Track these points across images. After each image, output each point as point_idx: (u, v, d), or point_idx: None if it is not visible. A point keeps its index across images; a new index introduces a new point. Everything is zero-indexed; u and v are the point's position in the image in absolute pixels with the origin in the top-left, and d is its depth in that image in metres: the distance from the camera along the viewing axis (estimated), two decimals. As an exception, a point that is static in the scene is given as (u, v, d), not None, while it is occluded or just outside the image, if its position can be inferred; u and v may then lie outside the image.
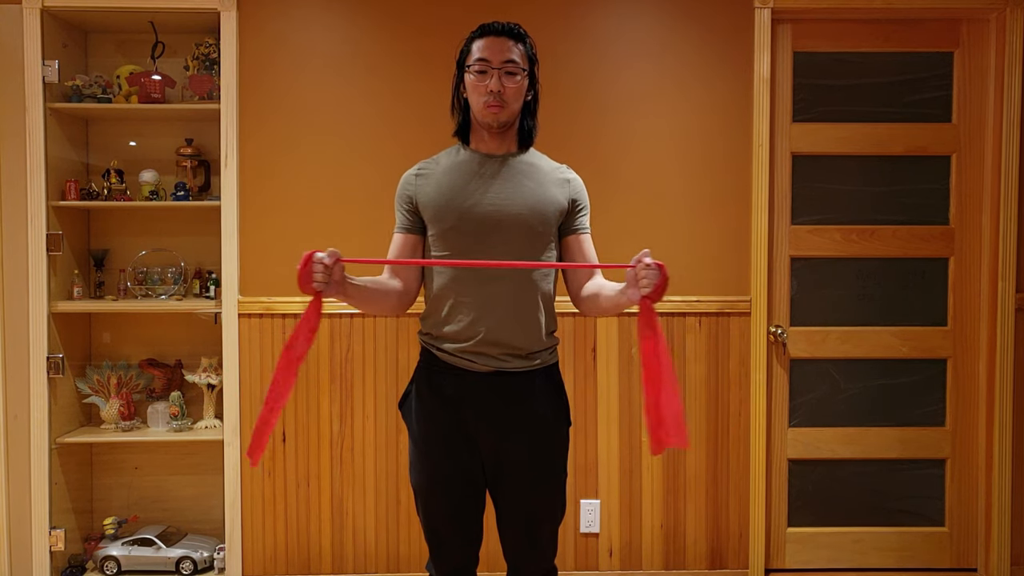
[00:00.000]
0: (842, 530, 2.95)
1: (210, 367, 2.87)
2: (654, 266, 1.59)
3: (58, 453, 2.80)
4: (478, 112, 1.81)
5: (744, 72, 2.80)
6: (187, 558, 2.81)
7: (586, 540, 2.87)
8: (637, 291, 1.62)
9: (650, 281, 1.60)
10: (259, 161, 2.80)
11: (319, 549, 2.85)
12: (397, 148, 2.78)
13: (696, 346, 2.83)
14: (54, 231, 2.76)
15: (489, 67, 1.77)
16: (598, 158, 2.80)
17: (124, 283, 2.90)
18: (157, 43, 2.90)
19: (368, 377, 2.82)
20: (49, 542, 2.77)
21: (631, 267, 1.62)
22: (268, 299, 2.78)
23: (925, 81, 2.90)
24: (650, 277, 1.59)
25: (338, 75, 2.80)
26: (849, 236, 2.90)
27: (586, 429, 2.83)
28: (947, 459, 2.95)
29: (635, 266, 1.61)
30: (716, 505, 2.87)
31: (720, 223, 2.82)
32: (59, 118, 2.80)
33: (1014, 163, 2.81)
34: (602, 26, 2.80)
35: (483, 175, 1.82)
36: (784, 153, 2.88)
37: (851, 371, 2.93)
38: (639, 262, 1.60)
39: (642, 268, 1.59)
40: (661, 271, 1.58)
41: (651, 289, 1.60)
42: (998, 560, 2.87)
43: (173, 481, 3.00)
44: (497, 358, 1.78)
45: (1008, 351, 2.84)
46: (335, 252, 1.61)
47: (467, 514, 1.85)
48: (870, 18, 2.84)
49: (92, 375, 2.89)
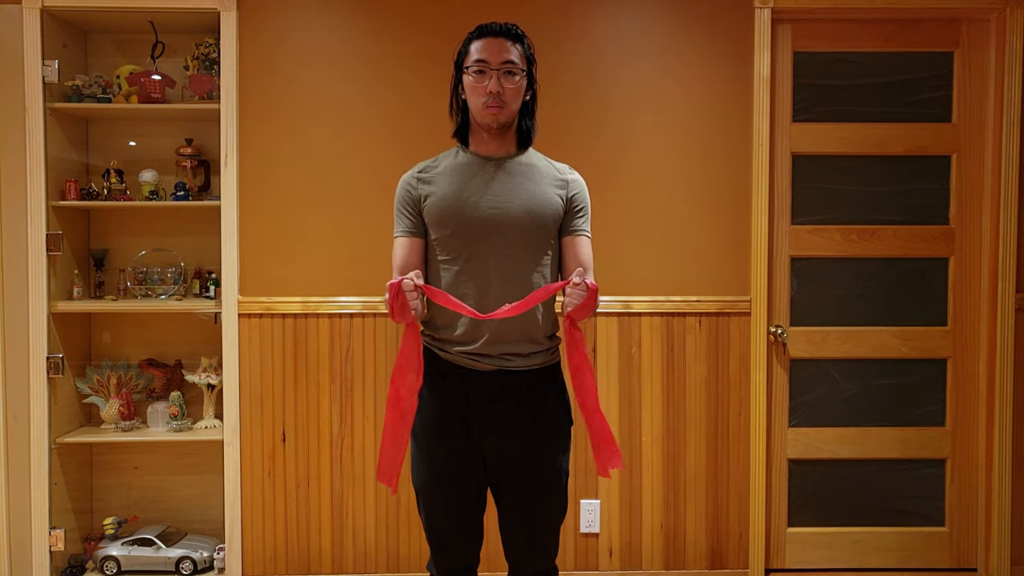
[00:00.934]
0: (842, 530, 2.95)
1: (210, 367, 2.87)
2: (583, 285, 1.63)
3: (58, 453, 2.80)
4: (477, 113, 1.81)
5: (744, 72, 2.80)
6: (187, 558, 2.80)
7: (586, 540, 2.87)
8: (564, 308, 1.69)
9: (572, 300, 1.65)
10: (259, 161, 2.80)
11: (319, 549, 2.85)
12: (398, 147, 2.78)
13: (696, 346, 2.83)
14: (54, 231, 2.76)
15: (488, 68, 1.77)
16: (598, 158, 2.80)
17: (124, 283, 2.90)
18: (157, 43, 2.90)
19: (368, 377, 2.82)
20: (49, 542, 2.77)
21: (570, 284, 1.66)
22: (268, 299, 2.78)
23: (925, 81, 2.90)
24: (574, 296, 1.65)
25: (338, 75, 2.80)
26: (849, 236, 2.90)
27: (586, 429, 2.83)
28: (947, 459, 2.95)
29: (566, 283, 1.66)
30: (716, 505, 2.87)
31: (720, 223, 2.82)
32: (59, 118, 2.80)
33: (1014, 163, 2.81)
34: (601, 26, 2.80)
35: (482, 177, 1.82)
36: (784, 153, 2.88)
37: (851, 371, 2.93)
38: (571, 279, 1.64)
39: (570, 287, 1.64)
40: (589, 291, 1.63)
41: (572, 308, 1.66)
42: (998, 560, 2.87)
43: (173, 481, 3.00)
44: (499, 358, 1.78)
45: (1008, 351, 2.84)
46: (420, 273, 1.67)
47: (468, 514, 1.85)
48: (870, 18, 2.84)
49: (92, 375, 2.89)
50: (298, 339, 2.80)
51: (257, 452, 2.82)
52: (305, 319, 2.80)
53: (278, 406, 2.82)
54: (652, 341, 2.83)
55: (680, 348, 2.83)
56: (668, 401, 2.84)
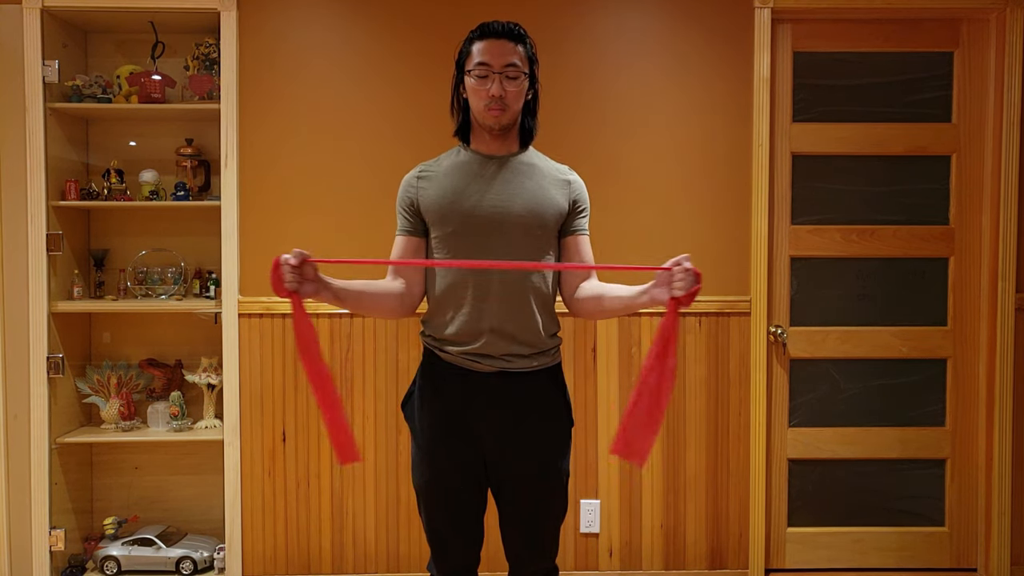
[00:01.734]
0: (842, 530, 2.95)
1: (210, 367, 2.87)
2: (692, 271, 1.60)
3: (58, 453, 2.80)
4: (479, 115, 1.80)
5: (744, 72, 2.80)
6: (187, 558, 2.81)
7: (586, 540, 2.87)
8: (667, 291, 1.63)
9: (685, 285, 1.60)
10: (259, 161, 2.80)
11: (319, 549, 2.85)
12: (398, 147, 2.78)
13: (696, 346, 2.83)
14: (54, 231, 2.76)
15: (490, 71, 1.75)
16: (597, 157, 2.80)
17: (124, 283, 2.90)
18: (157, 43, 2.90)
19: (368, 377, 2.82)
20: (49, 542, 2.77)
21: (665, 269, 1.63)
22: (268, 299, 2.78)
23: (925, 81, 2.90)
24: (687, 280, 1.60)
25: (338, 74, 2.80)
26: (849, 236, 2.90)
27: (586, 429, 2.83)
28: (947, 459, 2.95)
29: (670, 268, 1.62)
30: (716, 505, 2.87)
31: (720, 223, 2.82)
32: (59, 118, 2.80)
33: (1014, 163, 2.81)
34: (602, 25, 2.80)
35: (484, 176, 1.82)
36: (784, 153, 2.88)
37: (851, 371, 2.93)
38: (677, 264, 1.61)
39: (680, 270, 1.60)
40: (697, 278, 1.59)
41: (683, 292, 1.60)
42: (998, 560, 2.87)
43: (173, 481, 3.00)
44: (500, 359, 1.78)
45: (1008, 351, 2.84)
46: (300, 252, 1.64)
47: (469, 514, 1.85)
48: (870, 18, 2.84)
49: (92, 375, 2.89)
50: (298, 339, 2.80)
51: (257, 452, 2.83)
52: (305, 319, 2.80)
53: (278, 406, 2.82)
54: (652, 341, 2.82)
55: (680, 348, 2.83)
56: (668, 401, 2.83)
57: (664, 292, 1.64)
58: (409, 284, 1.86)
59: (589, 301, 1.84)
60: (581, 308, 1.87)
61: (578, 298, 1.86)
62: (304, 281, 1.66)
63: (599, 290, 1.83)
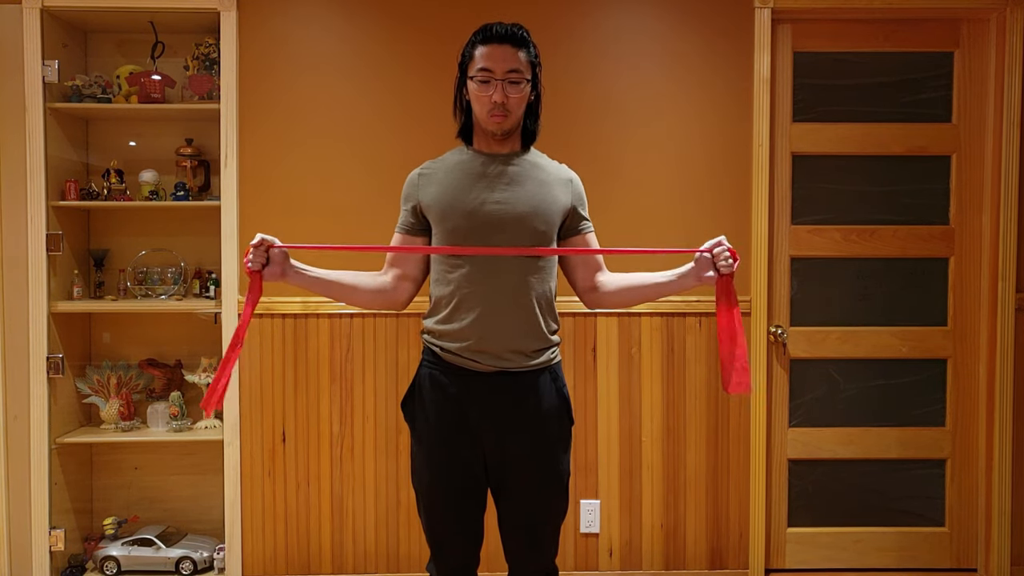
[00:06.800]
0: (842, 530, 2.95)
1: (210, 367, 2.87)
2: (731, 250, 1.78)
3: (58, 453, 2.80)
4: (482, 120, 1.80)
5: (744, 72, 2.80)
6: (187, 558, 2.80)
7: (586, 540, 2.87)
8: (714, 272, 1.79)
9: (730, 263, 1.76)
10: (259, 161, 2.80)
11: (319, 549, 2.85)
12: (397, 147, 2.78)
13: (696, 346, 2.83)
14: (54, 231, 2.76)
15: (492, 77, 1.75)
16: (598, 157, 2.80)
17: (124, 283, 2.90)
18: (157, 43, 2.90)
19: (368, 377, 2.82)
20: (49, 542, 2.77)
21: (704, 251, 1.78)
22: (268, 299, 2.78)
23: (925, 81, 2.90)
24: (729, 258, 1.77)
25: (338, 75, 2.80)
26: (849, 236, 2.90)
27: (586, 429, 2.83)
28: (947, 459, 2.95)
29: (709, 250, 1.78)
30: (716, 505, 2.87)
31: (720, 223, 2.82)
32: (59, 118, 2.80)
33: (1014, 163, 2.81)
34: (602, 26, 2.80)
35: (487, 175, 1.82)
36: (784, 153, 2.88)
37: (851, 371, 2.93)
38: (719, 245, 1.77)
39: (724, 251, 1.76)
40: (734, 255, 1.78)
41: (730, 270, 1.77)
42: (998, 560, 2.87)
43: (173, 481, 3.00)
44: (500, 357, 1.78)
45: (1008, 351, 2.84)
46: (265, 238, 1.74)
47: (469, 514, 1.85)
48: (870, 18, 2.84)
49: (92, 375, 2.89)
50: (298, 339, 2.81)
51: (257, 452, 2.83)
52: (305, 319, 2.80)
53: (278, 406, 2.82)
54: (652, 341, 2.83)
55: (680, 348, 2.83)
56: (668, 401, 2.84)
57: (711, 272, 1.79)
58: (404, 277, 1.87)
59: (620, 292, 1.91)
60: (604, 300, 1.92)
61: (603, 291, 1.91)
62: (272, 263, 1.75)
63: (627, 280, 1.90)
